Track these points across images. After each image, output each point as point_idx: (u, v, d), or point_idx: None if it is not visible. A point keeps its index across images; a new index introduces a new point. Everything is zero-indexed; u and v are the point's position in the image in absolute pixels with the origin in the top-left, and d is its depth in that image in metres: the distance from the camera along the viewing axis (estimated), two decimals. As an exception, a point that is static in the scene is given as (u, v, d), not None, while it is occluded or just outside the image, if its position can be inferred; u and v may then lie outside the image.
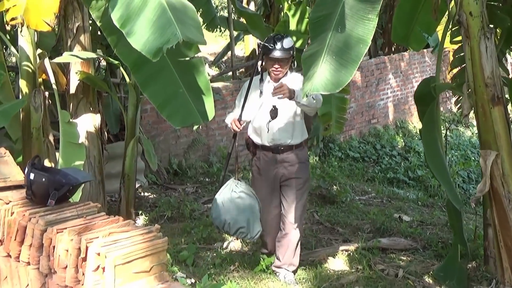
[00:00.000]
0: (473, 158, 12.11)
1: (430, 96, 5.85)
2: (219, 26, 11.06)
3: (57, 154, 6.30)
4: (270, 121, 5.27)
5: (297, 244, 5.67)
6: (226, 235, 6.27)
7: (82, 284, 3.23)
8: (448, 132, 13.63)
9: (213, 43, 20.30)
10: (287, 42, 5.24)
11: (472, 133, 14.27)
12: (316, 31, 4.57)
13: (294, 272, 5.74)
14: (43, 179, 3.46)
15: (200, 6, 6.45)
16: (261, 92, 5.35)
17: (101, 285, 3.18)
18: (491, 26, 4.99)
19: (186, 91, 5.33)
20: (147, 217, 7.52)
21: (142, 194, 8.46)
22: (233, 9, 9.97)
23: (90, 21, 6.78)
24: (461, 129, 14.41)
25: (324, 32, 4.41)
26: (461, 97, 6.14)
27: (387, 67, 13.56)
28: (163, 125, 9.27)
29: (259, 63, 5.39)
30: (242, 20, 10.26)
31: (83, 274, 3.22)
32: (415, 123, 13.73)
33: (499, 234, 5.18)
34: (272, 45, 5.18)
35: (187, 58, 5.30)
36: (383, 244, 6.85)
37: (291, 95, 4.94)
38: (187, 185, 8.96)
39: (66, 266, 3.25)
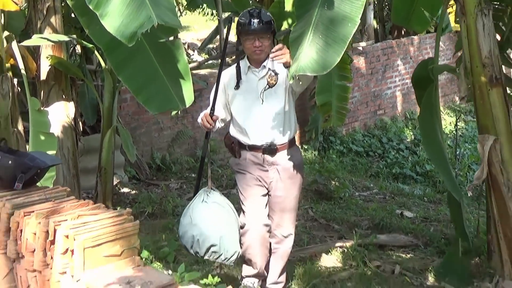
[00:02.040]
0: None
1: (428, 79, 6.03)
2: (208, 9, 11.14)
3: (27, 145, 6.53)
4: (265, 89, 4.82)
5: (287, 259, 5.33)
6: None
7: (51, 268, 3.51)
8: (463, 124, 13.82)
9: (205, 28, 20.39)
10: (265, 15, 4.84)
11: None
12: (301, 9, 4.76)
13: None
14: (10, 162, 3.72)
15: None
16: (238, 84, 4.94)
17: (70, 269, 3.47)
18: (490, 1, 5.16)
19: (163, 75, 5.52)
20: (127, 213, 7.67)
21: (121, 190, 8.63)
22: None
23: (62, 3, 7.02)
24: (478, 120, 14.54)
25: (310, 11, 4.59)
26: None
27: (395, 52, 13.69)
28: (144, 116, 9.41)
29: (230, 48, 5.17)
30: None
31: (52, 257, 3.50)
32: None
33: (498, 225, 5.34)
34: (248, 19, 4.78)
35: (164, 40, 5.48)
36: (380, 240, 7.06)
37: (290, 60, 4.55)
38: (171, 181, 9.16)
39: (34, 250, 3.53)
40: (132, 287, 3.37)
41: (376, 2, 15.35)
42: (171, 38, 5.66)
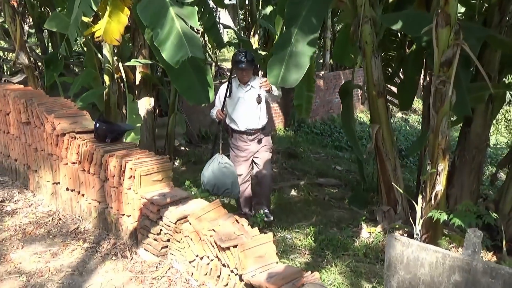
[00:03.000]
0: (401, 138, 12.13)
1: (347, 92, 6.04)
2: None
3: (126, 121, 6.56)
4: (257, 105, 4.74)
5: (270, 190, 5.27)
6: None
7: (122, 186, 3.61)
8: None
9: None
10: (249, 56, 4.70)
11: (393, 121, 14.22)
12: (279, 47, 4.63)
13: (269, 210, 5.21)
14: (104, 127, 3.82)
15: (212, 35, 6.60)
16: (230, 93, 4.78)
17: (132, 186, 3.56)
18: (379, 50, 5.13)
19: (198, 84, 5.50)
20: (180, 161, 7.73)
21: (180, 148, 8.63)
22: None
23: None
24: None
25: (284, 49, 4.53)
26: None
27: (340, 78, 13.56)
28: (197, 107, 9.21)
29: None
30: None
31: (123, 180, 3.60)
32: (357, 113, 13.78)
33: (379, 174, 5.38)
34: (239, 58, 4.66)
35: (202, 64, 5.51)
36: (320, 181, 7.04)
37: (270, 88, 4.57)
38: (208, 144, 9.15)
39: (114, 176, 3.63)
40: (165, 197, 3.47)
41: (332, 49, 15.13)
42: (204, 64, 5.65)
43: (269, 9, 10.60)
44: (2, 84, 5.97)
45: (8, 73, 8.77)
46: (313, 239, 4.76)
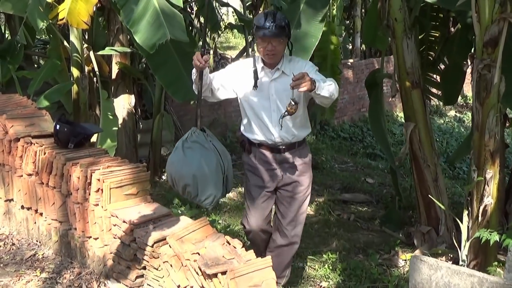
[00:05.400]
0: (437, 139, 12.16)
1: (375, 83, 6.13)
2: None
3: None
4: (284, 116, 3.47)
5: (293, 257, 4.21)
6: None
7: (88, 201, 3.71)
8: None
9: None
10: (280, 18, 3.56)
11: (444, 121, 14.29)
12: None
13: (284, 285, 4.19)
14: (65, 129, 3.91)
15: (204, 13, 6.71)
16: (256, 84, 3.64)
17: (100, 202, 3.66)
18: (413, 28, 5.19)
19: (186, 75, 5.54)
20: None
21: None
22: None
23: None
24: (435, 118, 14.44)
25: None
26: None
27: (374, 67, 13.61)
28: (188, 107, 9.37)
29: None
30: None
31: (89, 194, 3.70)
32: (397, 113, 13.86)
33: (417, 186, 5.42)
34: (262, 22, 3.54)
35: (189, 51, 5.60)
36: (344, 197, 7.14)
37: (313, 86, 3.30)
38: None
39: (78, 189, 3.73)
40: (140, 214, 3.56)
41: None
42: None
43: (281, -18, 10.77)
44: None
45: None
46: (331, 268, 4.83)
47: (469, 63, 4.04)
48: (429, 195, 5.13)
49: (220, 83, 3.78)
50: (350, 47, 14.06)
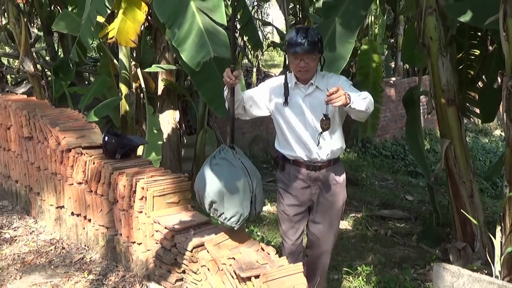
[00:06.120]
0: (480, 158, 12.09)
1: (412, 100, 6.23)
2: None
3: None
4: (321, 133, 3.47)
5: (327, 269, 4.13)
6: None
7: (133, 208, 3.96)
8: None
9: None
10: (312, 34, 3.50)
11: (489, 140, 14.14)
12: None
13: None
14: (113, 141, 4.18)
15: (247, 32, 6.90)
16: (287, 100, 3.61)
17: (144, 209, 3.91)
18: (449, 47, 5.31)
19: None
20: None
21: None
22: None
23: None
24: (480, 137, 14.33)
25: None
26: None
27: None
28: None
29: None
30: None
31: (134, 201, 3.95)
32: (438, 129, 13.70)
33: (452, 202, 5.48)
34: (295, 38, 3.49)
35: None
36: (383, 213, 7.23)
37: (348, 100, 3.20)
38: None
39: (124, 196, 3.99)
40: (181, 221, 3.79)
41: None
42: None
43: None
44: (3, 94, 6.52)
45: (13, 83, 9.50)
46: (365, 280, 4.94)
47: (499, 81, 4.12)
48: (463, 211, 5.19)
49: (253, 100, 3.75)
50: (393, 65, 14.10)
